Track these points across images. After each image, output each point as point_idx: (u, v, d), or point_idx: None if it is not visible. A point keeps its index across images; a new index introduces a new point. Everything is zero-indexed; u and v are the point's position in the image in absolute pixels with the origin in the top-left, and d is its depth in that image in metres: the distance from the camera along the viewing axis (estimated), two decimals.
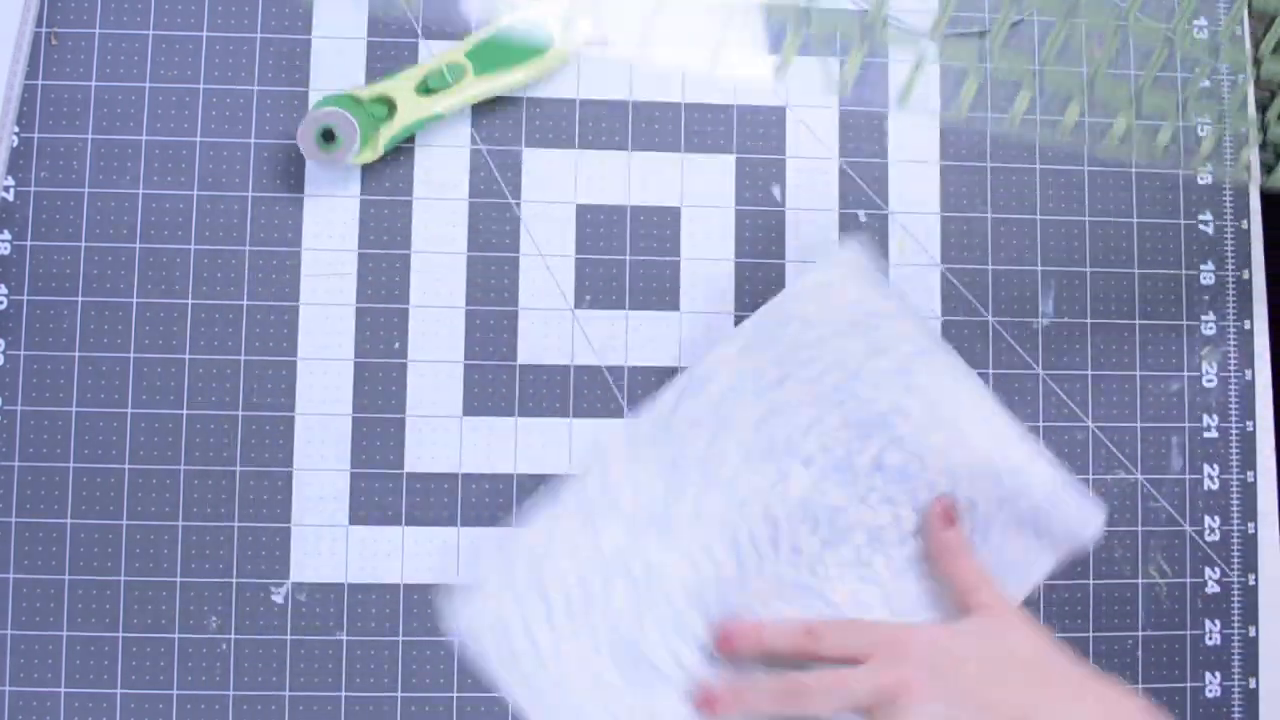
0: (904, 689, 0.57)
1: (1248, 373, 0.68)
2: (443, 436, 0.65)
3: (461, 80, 0.65)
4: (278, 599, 0.64)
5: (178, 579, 0.65)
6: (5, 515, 0.64)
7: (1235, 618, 0.67)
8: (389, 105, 0.65)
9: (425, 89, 0.65)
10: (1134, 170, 0.69)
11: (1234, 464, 0.68)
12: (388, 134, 0.64)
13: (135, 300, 0.66)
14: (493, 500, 0.65)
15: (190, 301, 0.66)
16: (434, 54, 0.67)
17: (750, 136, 0.68)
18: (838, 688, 0.58)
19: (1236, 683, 0.67)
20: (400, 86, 0.65)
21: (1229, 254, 0.69)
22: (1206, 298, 0.68)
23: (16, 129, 0.66)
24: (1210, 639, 0.67)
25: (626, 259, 0.67)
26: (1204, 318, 0.68)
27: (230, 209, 0.66)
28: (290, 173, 0.66)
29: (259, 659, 0.64)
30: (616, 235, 0.67)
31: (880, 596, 0.62)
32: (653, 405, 0.62)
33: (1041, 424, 0.67)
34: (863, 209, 0.68)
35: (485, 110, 0.67)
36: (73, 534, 0.65)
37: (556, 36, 0.66)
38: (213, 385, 0.65)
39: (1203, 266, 0.68)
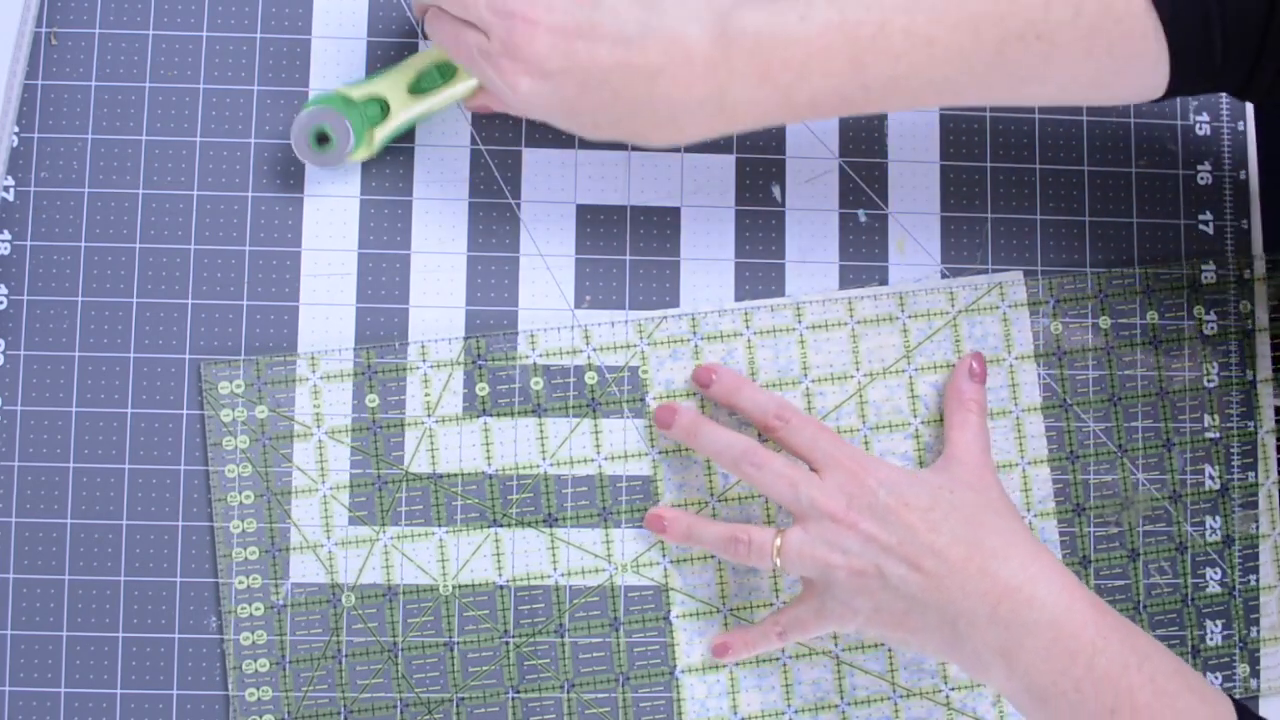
0: (836, 522, 0.59)
1: (1249, 372, 0.68)
2: (445, 439, 0.65)
3: (453, 79, 0.65)
4: (277, 599, 0.64)
5: (178, 579, 0.65)
6: (5, 515, 0.65)
7: (1236, 618, 0.67)
8: (382, 104, 0.65)
9: (418, 88, 0.65)
10: (1134, 170, 0.69)
11: (1234, 464, 0.68)
12: (382, 133, 0.64)
13: (135, 300, 0.66)
14: (497, 501, 0.65)
15: (190, 301, 0.66)
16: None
17: (750, 136, 0.68)
18: (785, 478, 0.61)
19: (1238, 683, 0.67)
20: (392, 85, 0.64)
21: (1229, 254, 0.69)
22: (1208, 298, 0.68)
23: (16, 129, 0.66)
24: (1211, 639, 0.67)
25: (626, 259, 0.67)
26: (1205, 318, 0.68)
27: (230, 209, 0.66)
28: (290, 173, 0.66)
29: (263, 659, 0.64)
30: (616, 235, 0.67)
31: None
32: None
33: (1043, 421, 0.67)
34: (863, 209, 0.68)
35: None
36: (73, 534, 0.65)
37: None
38: None
39: (1203, 267, 0.68)
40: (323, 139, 0.63)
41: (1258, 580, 0.68)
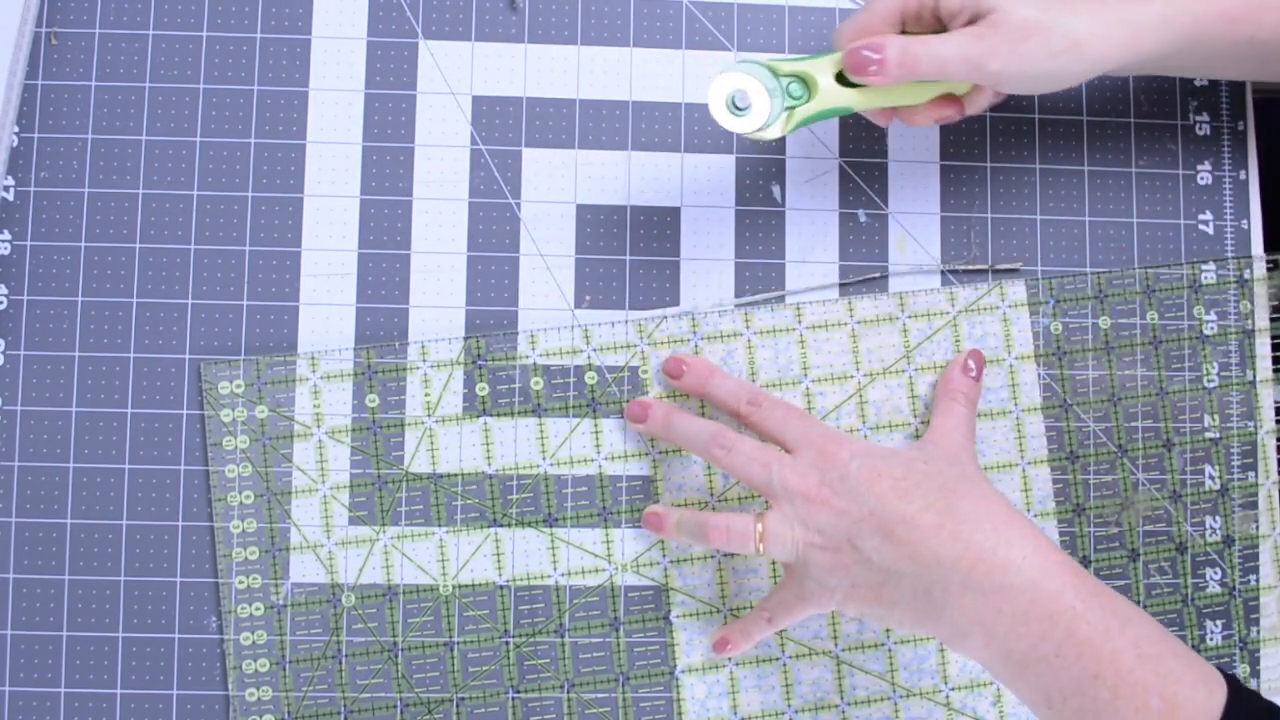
0: (809, 500, 0.58)
1: (1249, 372, 0.68)
2: (445, 439, 0.65)
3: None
4: (277, 599, 0.64)
5: (178, 579, 0.65)
6: (5, 515, 0.65)
7: (1236, 618, 0.67)
8: (806, 85, 0.60)
9: (845, 79, 0.60)
10: (1134, 170, 0.69)
11: (1234, 464, 0.68)
12: (802, 113, 0.60)
13: (135, 300, 0.66)
14: (497, 501, 0.65)
15: (190, 302, 0.66)
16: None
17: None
18: (756, 460, 0.60)
19: None
20: (822, 69, 0.60)
21: (1229, 254, 0.69)
22: (1208, 298, 0.68)
23: (16, 129, 0.66)
24: (1211, 639, 0.67)
25: (626, 259, 0.67)
26: (1205, 318, 0.68)
27: (230, 209, 0.66)
28: (290, 172, 0.66)
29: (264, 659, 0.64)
30: (616, 235, 0.67)
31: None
32: None
33: (1043, 421, 0.67)
34: (863, 209, 0.68)
35: (485, 110, 0.67)
36: (73, 534, 0.65)
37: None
38: None
39: (1203, 267, 0.68)
40: (739, 104, 0.59)
41: (1258, 580, 0.68)
